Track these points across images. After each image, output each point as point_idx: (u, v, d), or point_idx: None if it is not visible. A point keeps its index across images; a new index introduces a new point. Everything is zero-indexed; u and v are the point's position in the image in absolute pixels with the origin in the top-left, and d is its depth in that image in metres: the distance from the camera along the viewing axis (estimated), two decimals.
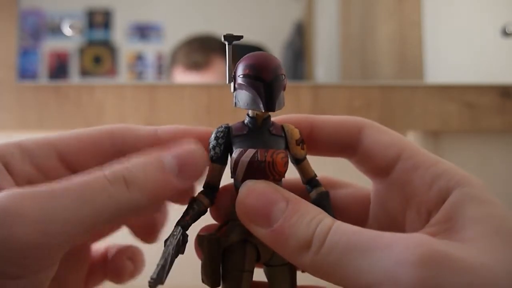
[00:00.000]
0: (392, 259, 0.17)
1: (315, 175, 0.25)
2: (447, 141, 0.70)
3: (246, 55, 0.23)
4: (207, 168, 0.24)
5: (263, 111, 0.22)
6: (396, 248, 0.18)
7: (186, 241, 0.23)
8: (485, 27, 0.73)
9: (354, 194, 0.27)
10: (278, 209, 0.21)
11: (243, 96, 0.23)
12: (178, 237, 0.22)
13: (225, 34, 0.23)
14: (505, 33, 0.70)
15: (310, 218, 0.20)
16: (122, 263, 0.30)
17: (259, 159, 0.22)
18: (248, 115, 0.24)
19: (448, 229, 0.20)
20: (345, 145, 0.25)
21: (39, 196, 0.19)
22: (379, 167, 0.24)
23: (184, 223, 0.23)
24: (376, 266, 0.18)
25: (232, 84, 0.23)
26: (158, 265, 0.21)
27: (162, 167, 0.22)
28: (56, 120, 0.66)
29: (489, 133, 0.70)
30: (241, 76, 0.22)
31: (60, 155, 0.25)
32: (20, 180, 0.23)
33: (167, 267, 0.21)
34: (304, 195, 0.25)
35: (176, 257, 0.22)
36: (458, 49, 0.75)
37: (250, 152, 0.22)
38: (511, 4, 0.73)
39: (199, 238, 0.24)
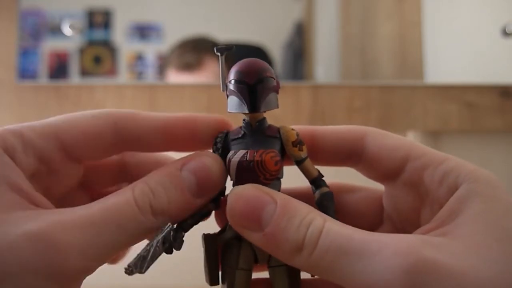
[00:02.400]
0: (381, 265, 0.18)
1: (320, 175, 0.25)
2: (447, 141, 0.70)
3: (236, 63, 0.24)
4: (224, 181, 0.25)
5: (247, 112, 0.23)
6: (386, 255, 0.18)
7: (179, 238, 0.23)
8: (485, 27, 0.73)
9: (367, 197, 0.27)
10: (268, 212, 0.21)
11: (231, 101, 0.24)
12: (165, 232, 0.23)
13: (217, 46, 0.24)
14: (505, 33, 0.70)
15: (300, 220, 0.20)
16: None
17: (248, 159, 0.23)
18: (244, 120, 0.25)
19: (448, 224, 0.21)
20: (350, 153, 0.25)
21: (79, 225, 0.20)
22: (388, 170, 0.25)
23: (181, 222, 0.24)
24: (367, 272, 0.18)
25: (226, 91, 0.25)
26: (138, 254, 0.22)
27: (182, 187, 0.23)
28: None
29: (489, 133, 0.70)
30: (229, 82, 0.24)
31: (63, 146, 0.24)
32: (24, 173, 0.23)
33: (148, 258, 0.22)
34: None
35: (163, 251, 0.22)
36: (458, 49, 0.75)
37: (241, 153, 0.23)
38: (511, 4, 0.73)
39: (202, 237, 0.25)
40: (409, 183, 0.24)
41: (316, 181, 0.25)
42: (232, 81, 0.24)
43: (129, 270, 0.21)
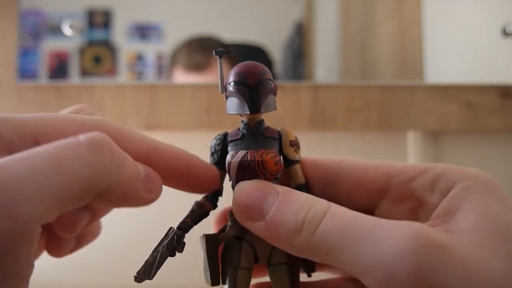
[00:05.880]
0: (389, 246, 0.18)
1: (306, 185, 0.25)
2: (447, 141, 0.70)
3: (235, 65, 0.24)
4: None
5: (249, 113, 0.24)
6: (394, 237, 0.18)
7: (181, 241, 0.23)
8: (485, 27, 0.73)
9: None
10: (270, 201, 0.21)
11: (232, 102, 0.24)
12: (170, 236, 0.23)
13: (215, 49, 0.25)
14: (505, 33, 0.70)
15: (301, 204, 0.21)
16: (64, 239, 0.27)
17: (248, 159, 0.23)
18: (242, 121, 0.25)
19: (446, 221, 0.21)
20: (326, 185, 0.25)
21: (25, 163, 0.16)
22: (372, 192, 0.24)
23: (182, 224, 0.24)
24: (372, 253, 0.18)
25: (224, 93, 0.25)
26: (146, 261, 0.22)
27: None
28: None
29: (489, 133, 0.70)
30: (229, 84, 0.24)
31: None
32: None
33: (155, 264, 0.22)
34: None
35: (168, 256, 0.23)
36: (458, 49, 0.75)
37: (241, 153, 0.24)
38: (511, 4, 0.73)
39: (200, 238, 0.25)
40: (399, 197, 0.24)
41: (302, 188, 0.25)
42: (232, 83, 0.24)
43: (139, 278, 0.22)
